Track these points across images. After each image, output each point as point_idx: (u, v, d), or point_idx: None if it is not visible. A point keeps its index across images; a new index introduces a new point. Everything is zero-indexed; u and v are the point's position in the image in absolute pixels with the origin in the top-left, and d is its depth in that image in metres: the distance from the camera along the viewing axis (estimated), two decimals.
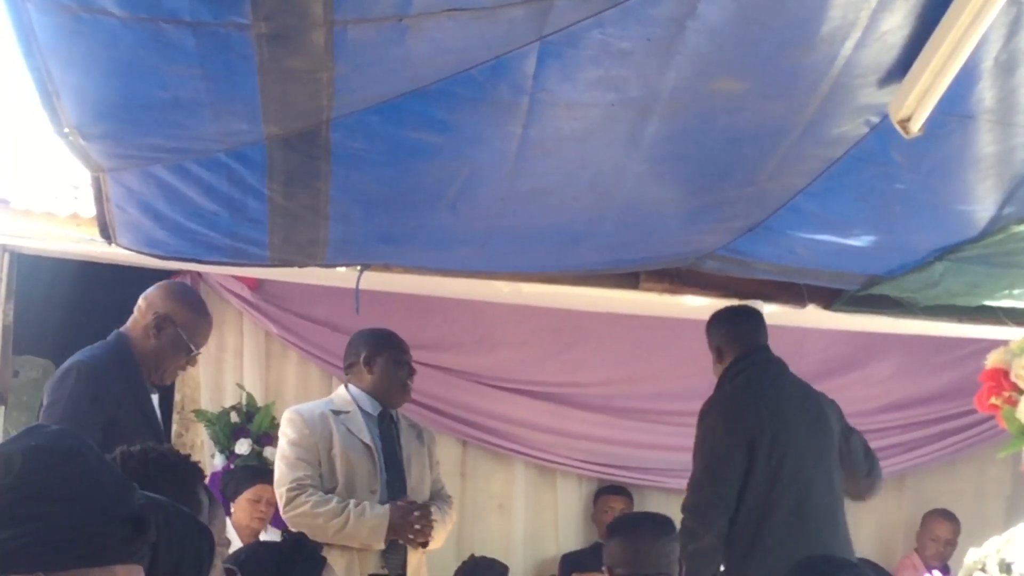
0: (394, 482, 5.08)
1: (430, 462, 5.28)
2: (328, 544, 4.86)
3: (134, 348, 4.52)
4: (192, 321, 4.59)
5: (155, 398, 4.64)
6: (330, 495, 4.95)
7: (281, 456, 5.04)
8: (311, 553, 3.78)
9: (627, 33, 2.81)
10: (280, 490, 4.99)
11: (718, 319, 5.07)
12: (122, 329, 4.57)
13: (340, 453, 5.00)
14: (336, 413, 5.09)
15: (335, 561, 4.90)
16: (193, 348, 4.58)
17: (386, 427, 5.15)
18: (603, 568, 4.15)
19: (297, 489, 4.94)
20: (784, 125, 3.38)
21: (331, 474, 5.00)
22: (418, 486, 5.15)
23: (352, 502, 4.92)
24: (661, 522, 4.30)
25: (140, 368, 4.51)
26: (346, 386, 5.25)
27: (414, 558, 5.09)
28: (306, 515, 4.91)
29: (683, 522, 4.69)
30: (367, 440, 5.03)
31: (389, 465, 5.08)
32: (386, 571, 5.04)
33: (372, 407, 5.12)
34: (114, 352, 4.51)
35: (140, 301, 4.63)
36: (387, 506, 4.95)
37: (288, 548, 3.81)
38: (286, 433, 5.07)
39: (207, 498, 3.03)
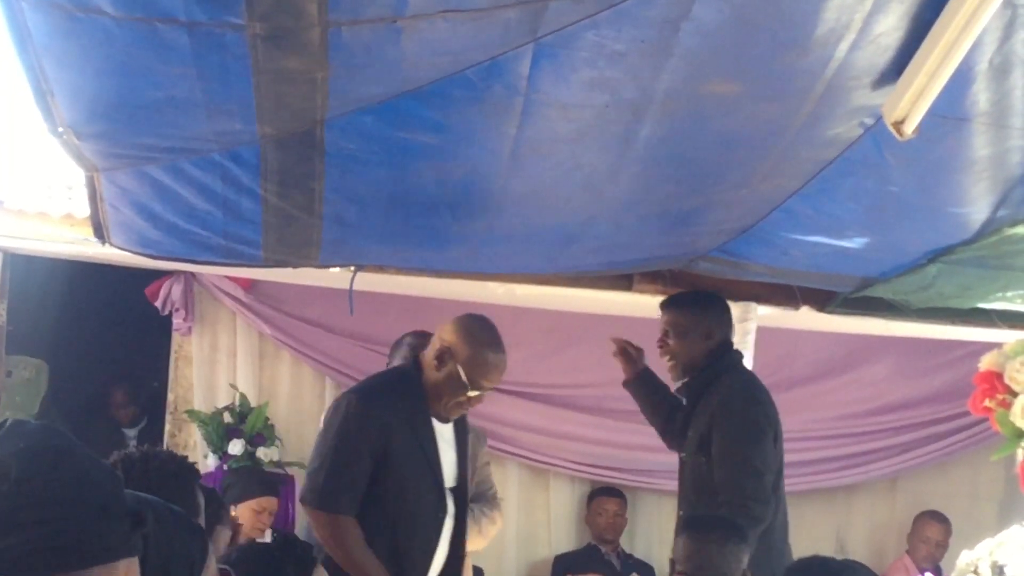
0: None
1: (474, 464, 5.20)
2: None
3: (424, 377, 4.32)
4: (474, 359, 4.27)
5: (447, 427, 4.41)
6: None
7: None
8: (302, 553, 3.80)
9: (621, 35, 2.81)
10: None
11: (713, 303, 4.95)
12: (419, 355, 4.39)
13: None
14: None
15: None
16: (471, 387, 4.28)
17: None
18: (668, 559, 4.17)
19: None
20: (778, 127, 3.38)
21: None
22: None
23: None
24: (732, 529, 4.28)
25: (426, 398, 4.32)
26: None
27: None
28: None
29: (752, 512, 4.53)
30: None
31: None
32: None
33: None
34: (398, 380, 4.38)
35: (437, 329, 4.41)
36: None
37: (279, 548, 3.83)
38: None
39: (203, 499, 3.04)
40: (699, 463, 4.76)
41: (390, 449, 4.21)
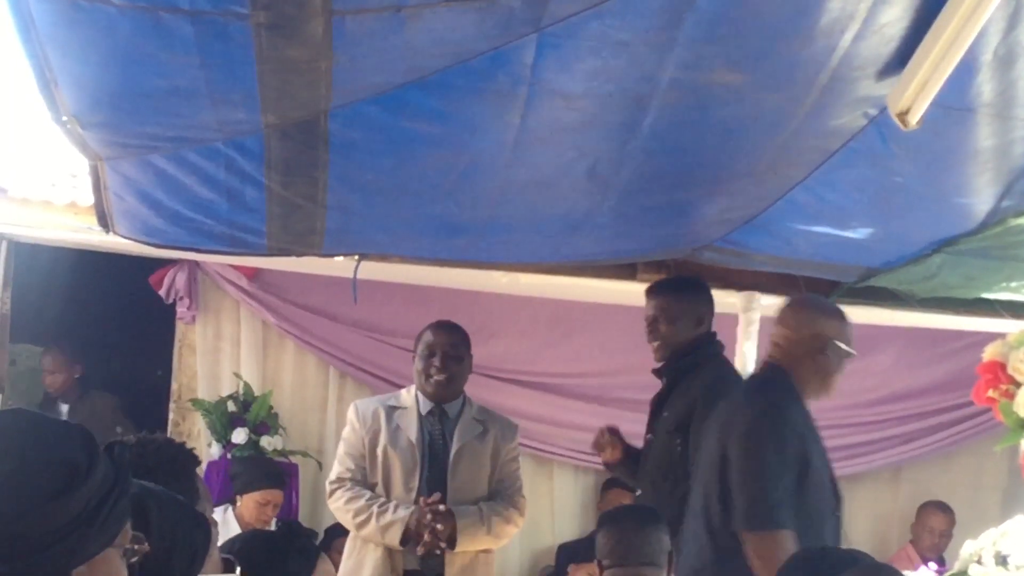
0: (435, 480, 5.02)
1: (495, 460, 5.16)
2: (366, 539, 4.95)
3: (796, 377, 4.24)
4: (839, 327, 4.30)
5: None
6: (365, 491, 4.98)
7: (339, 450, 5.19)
8: (305, 543, 3.79)
9: (625, 24, 2.81)
10: (327, 484, 5.13)
11: (703, 289, 4.91)
12: (772, 362, 4.29)
13: (383, 450, 5.01)
14: (393, 408, 5.09)
15: (371, 555, 4.93)
16: (854, 352, 4.33)
17: (437, 423, 5.09)
18: (595, 561, 4.15)
19: (336, 483, 5.04)
20: (782, 117, 3.38)
21: (372, 470, 5.03)
22: (466, 484, 5.05)
23: (379, 501, 4.94)
24: (647, 513, 4.29)
25: (802, 397, 4.25)
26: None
27: (460, 558, 5.01)
28: (339, 510, 5.04)
29: None
30: (412, 437, 4.99)
31: (432, 463, 5.02)
32: (420, 568, 4.98)
33: (424, 404, 5.08)
34: (784, 389, 4.24)
35: (778, 330, 4.30)
36: (409, 508, 4.90)
37: (282, 538, 3.82)
38: (345, 426, 5.19)
39: (203, 485, 3.04)
40: (672, 444, 4.75)
41: (807, 456, 4.08)
